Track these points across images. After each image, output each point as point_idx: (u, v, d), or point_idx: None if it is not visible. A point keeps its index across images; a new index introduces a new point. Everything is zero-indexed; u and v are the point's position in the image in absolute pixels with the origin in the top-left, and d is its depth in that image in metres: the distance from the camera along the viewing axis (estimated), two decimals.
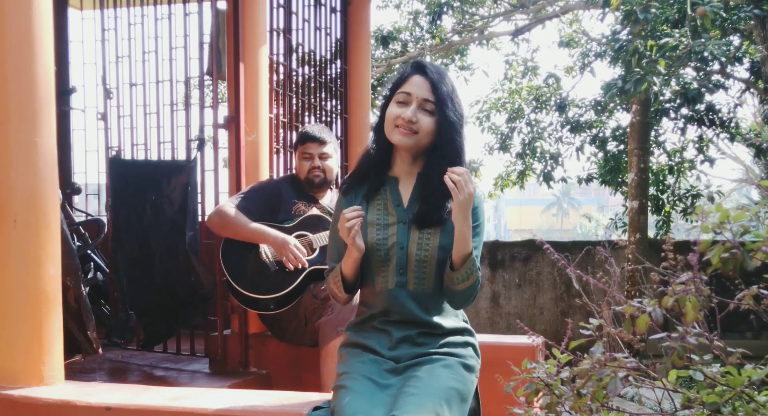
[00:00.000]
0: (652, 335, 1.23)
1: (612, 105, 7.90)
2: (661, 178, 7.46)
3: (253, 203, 2.87)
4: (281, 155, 3.48)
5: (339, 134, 4.10)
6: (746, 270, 1.15)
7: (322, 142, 2.96)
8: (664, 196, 7.39)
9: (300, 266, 2.75)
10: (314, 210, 2.95)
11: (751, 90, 7.00)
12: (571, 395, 1.32)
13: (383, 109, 1.88)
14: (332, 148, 3.00)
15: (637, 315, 1.18)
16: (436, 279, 1.83)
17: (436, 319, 1.84)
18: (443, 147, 1.81)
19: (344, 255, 1.88)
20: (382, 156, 1.90)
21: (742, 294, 1.17)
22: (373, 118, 3.99)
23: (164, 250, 3.07)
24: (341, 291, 1.90)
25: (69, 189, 4.08)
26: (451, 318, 1.88)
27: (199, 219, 3.03)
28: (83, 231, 3.79)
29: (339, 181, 4.04)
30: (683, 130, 7.35)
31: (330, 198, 3.07)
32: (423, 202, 1.84)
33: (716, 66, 6.34)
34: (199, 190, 3.01)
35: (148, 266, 3.12)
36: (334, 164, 3.01)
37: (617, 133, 7.96)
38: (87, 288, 2.70)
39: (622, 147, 7.81)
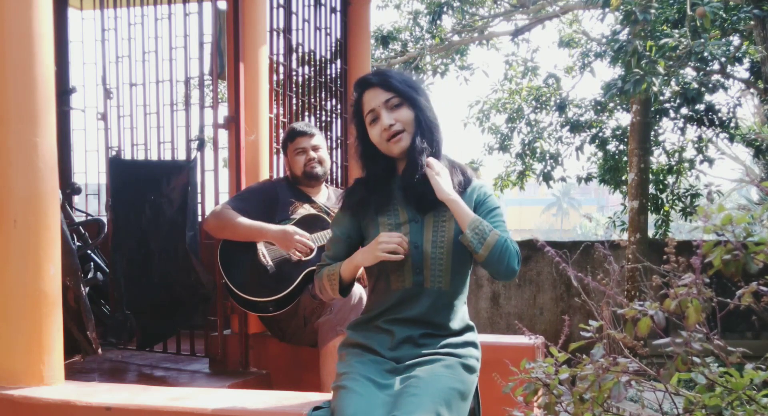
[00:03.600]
0: (655, 339, 1.22)
1: (612, 105, 7.90)
2: (661, 178, 7.47)
3: (250, 204, 2.86)
4: (281, 155, 3.48)
5: (339, 134, 4.11)
6: (748, 272, 1.15)
7: (310, 135, 2.98)
8: (664, 196, 7.39)
9: (310, 250, 2.74)
10: (311, 210, 2.94)
11: (751, 90, 7.00)
12: (573, 400, 1.32)
13: (361, 137, 1.92)
14: (321, 139, 3.02)
15: (639, 317, 1.18)
16: (453, 275, 1.84)
17: (445, 319, 1.85)
18: (423, 126, 1.85)
19: (342, 256, 1.92)
20: (385, 169, 1.91)
21: (741, 291, 1.16)
22: None
23: (164, 250, 3.07)
24: (335, 291, 1.91)
25: (69, 189, 4.08)
26: (458, 317, 1.88)
27: (199, 219, 3.03)
28: (83, 231, 3.78)
29: (335, 178, 4.05)
30: (683, 130, 7.36)
31: (326, 195, 3.07)
32: (408, 184, 1.85)
33: (716, 66, 6.34)
34: (199, 190, 3.01)
35: (148, 266, 3.12)
36: (326, 155, 3.03)
37: (617, 133, 7.96)
38: (87, 288, 2.70)
39: (622, 147, 7.81)
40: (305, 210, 2.93)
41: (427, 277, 1.84)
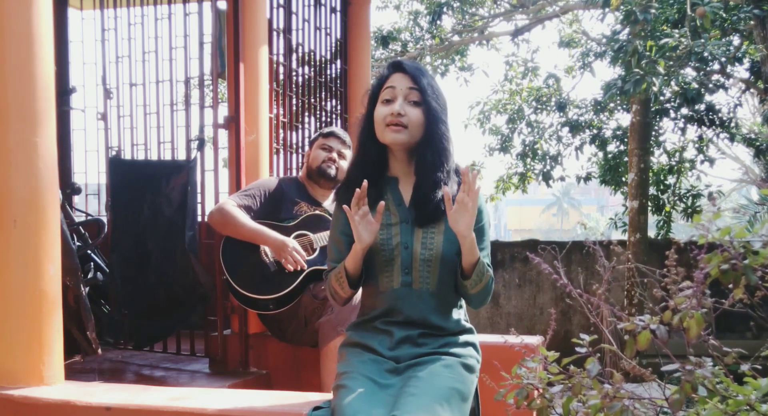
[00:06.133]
0: (653, 350, 1.21)
1: (612, 105, 7.90)
2: (662, 178, 7.46)
3: (255, 201, 2.87)
4: (281, 155, 3.48)
5: None
6: (748, 284, 1.13)
7: (344, 143, 3.02)
8: (665, 196, 7.39)
9: (299, 268, 2.74)
10: (315, 211, 2.95)
11: (751, 90, 7.00)
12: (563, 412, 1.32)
13: (368, 115, 1.88)
14: (349, 154, 3.03)
15: (639, 331, 1.17)
16: (440, 277, 1.83)
17: (439, 319, 1.84)
18: (432, 138, 1.82)
19: (345, 255, 1.87)
20: (376, 159, 1.89)
21: (733, 285, 1.15)
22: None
23: (163, 250, 3.07)
24: (344, 288, 1.86)
25: (69, 189, 4.08)
26: (453, 318, 1.88)
27: (199, 219, 3.03)
28: (83, 231, 3.78)
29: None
30: (683, 130, 7.36)
31: (332, 198, 3.07)
32: (420, 200, 1.83)
33: (716, 66, 6.34)
34: (199, 190, 3.01)
35: (147, 266, 3.12)
36: (345, 167, 3.03)
37: (617, 133, 7.96)
38: (87, 289, 2.70)
39: (622, 147, 7.81)
40: (310, 210, 2.94)
41: (415, 278, 1.83)
